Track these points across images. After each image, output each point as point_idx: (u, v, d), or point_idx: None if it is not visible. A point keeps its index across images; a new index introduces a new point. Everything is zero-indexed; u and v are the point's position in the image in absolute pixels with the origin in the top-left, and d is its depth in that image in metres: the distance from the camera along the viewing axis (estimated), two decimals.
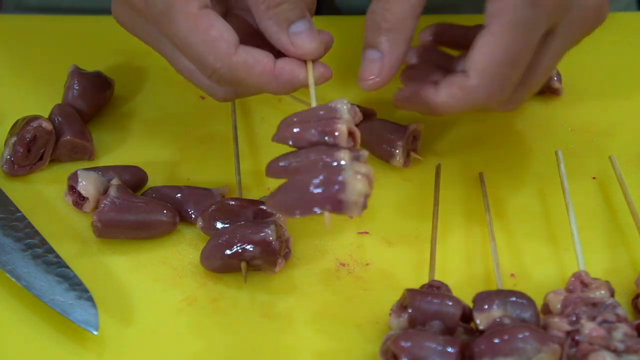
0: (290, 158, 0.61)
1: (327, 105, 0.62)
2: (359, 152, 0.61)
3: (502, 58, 0.63)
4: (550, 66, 0.68)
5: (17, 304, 0.64)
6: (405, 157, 0.75)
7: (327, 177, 0.58)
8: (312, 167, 0.59)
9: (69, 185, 0.71)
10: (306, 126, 0.61)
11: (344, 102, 0.62)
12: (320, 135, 0.61)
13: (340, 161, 0.59)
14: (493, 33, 0.63)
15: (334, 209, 0.57)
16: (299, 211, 0.58)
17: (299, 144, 0.61)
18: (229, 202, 0.68)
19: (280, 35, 0.65)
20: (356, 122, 0.63)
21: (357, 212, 0.58)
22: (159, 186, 0.72)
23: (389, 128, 0.76)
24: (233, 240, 0.65)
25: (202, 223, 0.68)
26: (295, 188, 0.59)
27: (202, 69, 0.65)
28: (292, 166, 0.60)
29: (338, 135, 0.60)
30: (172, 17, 0.63)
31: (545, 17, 0.63)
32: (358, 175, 0.58)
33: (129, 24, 0.69)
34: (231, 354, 0.61)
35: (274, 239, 0.64)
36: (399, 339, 0.57)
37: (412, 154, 0.76)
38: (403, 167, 0.75)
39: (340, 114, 0.62)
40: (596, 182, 0.75)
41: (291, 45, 0.64)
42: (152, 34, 0.67)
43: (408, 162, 0.76)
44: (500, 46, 0.63)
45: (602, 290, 0.61)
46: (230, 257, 0.64)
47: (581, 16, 0.67)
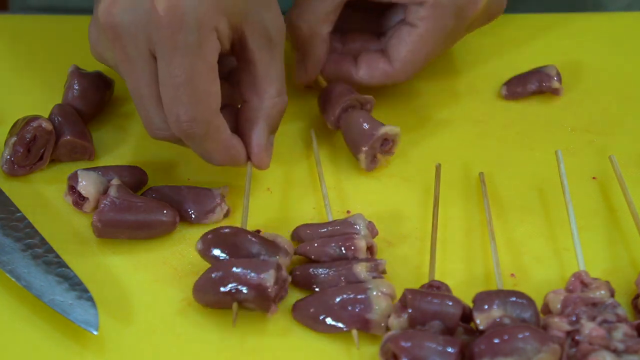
0: (316, 269, 0.65)
1: (346, 220, 0.68)
2: (377, 261, 0.65)
3: (425, 56, 0.76)
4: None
5: (17, 304, 0.64)
6: (371, 160, 0.74)
7: (353, 296, 0.62)
8: (336, 282, 0.64)
9: (69, 185, 0.71)
10: (326, 242, 0.66)
11: (361, 218, 0.67)
12: (340, 250, 0.66)
13: (363, 278, 0.63)
14: (420, 35, 0.75)
15: (361, 327, 0.61)
16: (324, 328, 0.62)
17: (320, 258, 0.66)
18: (233, 232, 0.65)
19: (261, 137, 0.70)
20: (374, 236, 0.68)
21: (381, 332, 0.61)
22: (159, 186, 0.72)
23: (360, 128, 0.74)
24: (228, 278, 0.61)
25: (201, 246, 0.64)
26: (321, 304, 0.62)
27: (177, 109, 0.65)
28: (319, 279, 0.64)
29: (356, 250, 0.65)
30: (194, 53, 0.64)
31: (465, 26, 0.77)
32: (381, 294, 0.62)
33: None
34: (231, 354, 0.61)
35: (271, 285, 0.61)
36: (399, 339, 0.57)
37: (379, 156, 0.74)
38: (368, 170, 0.74)
39: (358, 230, 0.67)
40: (596, 182, 0.75)
41: (261, 151, 0.70)
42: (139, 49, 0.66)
43: (373, 165, 0.75)
44: (426, 47, 0.76)
45: (602, 290, 0.61)
46: (223, 294, 0.61)
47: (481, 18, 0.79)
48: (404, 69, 0.76)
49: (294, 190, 0.74)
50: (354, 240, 0.66)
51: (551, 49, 0.90)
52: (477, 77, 0.86)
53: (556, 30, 0.93)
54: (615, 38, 0.92)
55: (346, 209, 0.72)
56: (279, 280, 0.62)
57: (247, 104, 0.71)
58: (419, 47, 0.76)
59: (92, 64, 0.82)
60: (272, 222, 0.71)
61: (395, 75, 0.77)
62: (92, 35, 0.71)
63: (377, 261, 0.65)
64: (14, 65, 0.87)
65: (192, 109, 0.66)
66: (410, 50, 0.76)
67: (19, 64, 0.87)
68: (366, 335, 0.62)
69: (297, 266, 0.66)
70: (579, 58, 0.89)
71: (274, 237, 0.66)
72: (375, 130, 0.73)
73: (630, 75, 0.87)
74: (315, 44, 0.77)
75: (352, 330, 0.61)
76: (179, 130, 0.67)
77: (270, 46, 0.69)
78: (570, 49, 0.90)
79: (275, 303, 0.62)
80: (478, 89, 0.85)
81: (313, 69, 0.78)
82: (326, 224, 0.68)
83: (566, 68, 0.85)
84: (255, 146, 0.70)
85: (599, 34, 0.92)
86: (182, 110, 0.66)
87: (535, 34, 0.92)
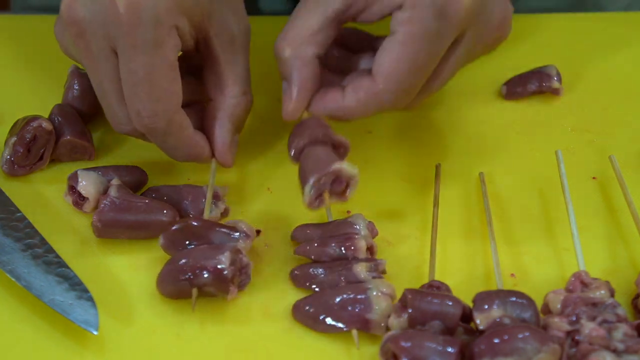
0: (316, 269, 0.65)
1: (346, 220, 0.67)
2: (377, 261, 0.65)
3: (408, 66, 0.66)
4: (452, 73, 0.71)
5: (17, 304, 0.64)
6: (316, 197, 0.65)
7: (353, 296, 0.62)
8: (336, 282, 0.64)
9: (69, 185, 0.71)
10: (326, 242, 0.66)
11: (361, 218, 0.67)
12: (340, 250, 0.65)
13: (363, 278, 0.63)
14: (400, 41, 0.65)
15: (361, 327, 0.61)
16: (324, 328, 0.62)
17: (320, 258, 0.66)
18: (192, 223, 0.66)
19: (225, 135, 0.71)
20: (374, 237, 0.67)
21: (381, 332, 0.61)
22: (159, 186, 0.72)
23: (314, 160, 0.66)
24: (186, 264, 0.62)
25: (163, 241, 0.65)
26: (322, 304, 0.62)
27: (137, 105, 0.66)
28: (318, 279, 0.64)
29: (356, 250, 0.65)
30: (152, 51, 0.65)
31: (451, 29, 0.66)
32: (381, 294, 0.61)
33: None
34: (231, 353, 0.61)
35: (226, 266, 0.62)
36: (399, 339, 0.57)
37: (326, 196, 0.65)
38: (310, 207, 0.65)
39: (358, 230, 0.66)
40: (596, 182, 0.75)
41: (225, 149, 0.71)
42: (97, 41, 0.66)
43: (317, 204, 0.65)
44: (407, 54, 0.65)
45: (602, 290, 0.61)
46: (182, 282, 0.62)
47: (486, 30, 0.70)
48: (388, 84, 0.66)
49: (294, 190, 0.74)
50: (354, 240, 0.66)
51: (551, 49, 0.90)
52: (477, 77, 0.86)
53: (556, 30, 0.93)
54: (615, 38, 0.92)
55: (346, 208, 0.72)
56: (236, 262, 0.63)
57: (212, 103, 0.72)
58: (400, 55, 0.65)
59: None
60: (272, 222, 0.71)
61: (381, 94, 0.66)
62: (58, 29, 0.71)
63: (377, 261, 0.65)
64: (14, 65, 0.87)
65: (151, 106, 0.66)
66: (391, 60, 0.66)
67: (19, 64, 0.87)
68: (366, 335, 0.62)
69: (297, 266, 0.66)
70: (579, 58, 0.89)
71: (235, 223, 0.67)
72: (327, 165, 0.65)
73: (630, 75, 0.87)
74: (298, 67, 0.67)
75: (352, 330, 0.61)
76: (141, 125, 0.68)
77: (234, 46, 0.70)
78: (570, 49, 0.90)
79: (234, 286, 0.62)
80: (478, 89, 0.85)
81: (299, 98, 0.68)
82: (326, 224, 0.68)
83: (566, 68, 0.85)
84: (219, 144, 0.71)
85: (599, 34, 0.92)
86: (141, 106, 0.66)
87: (535, 34, 0.92)
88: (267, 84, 0.80)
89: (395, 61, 0.66)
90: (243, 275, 0.64)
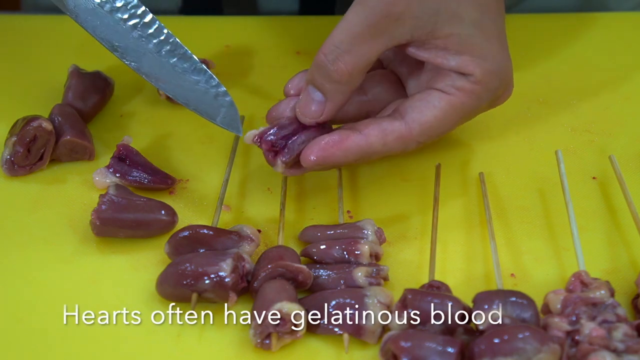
0: (317, 271, 0.65)
1: (355, 224, 0.68)
2: (379, 267, 0.65)
3: (445, 127, 0.70)
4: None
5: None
6: (265, 338, 0.60)
7: (349, 301, 0.62)
8: (335, 285, 0.64)
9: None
10: (332, 244, 0.66)
11: (370, 224, 0.68)
12: (344, 253, 0.66)
13: (361, 284, 0.63)
14: (452, 105, 0.68)
15: (353, 333, 0.61)
16: (320, 330, 0.62)
17: (324, 260, 0.66)
18: (200, 231, 0.66)
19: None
20: (381, 243, 0.68)
21: (372, 341, 0.61)
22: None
23: (261, 299, 0.61)
24: (188, 269, 0.63)
25: (168, 249, 0.66)
26: (317, 305, 0.62)
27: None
28: (318, 280, 0.65)
29: (359, 254, 0.65)
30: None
31: (491, 108, 0.72)
32: (378, 302, 0.61)
33: None
34: (231, 353, 0.61)
35: (227, 274, 0.62)
36: (399, 339, 0.57)
37: (275, 336, 0.60)
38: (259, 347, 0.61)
39: (365, 235, 0.67)
40: (596, 182, 0.75)
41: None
42: None
43: (266, 346, 0.60)
44: (452, 118, 0.69)
45: (602, 290, 0.61)
46: (183, 286, 0.62)
47: (503, 97, 0.73)
48: (422, 133, 0.68)
49: (295, 191, 0.74)
50: (358, 245, 0.66)
51: (553, 50, 0.90)
52: None
53: (558, 31, 0.93)
54: (615, 38, 0.92)
55: (346, 208, 0.72)
56: (238, 269, 0.63)
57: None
58: (446, 116, 0.68)
59: (92, 64, 0.82)
60: (272, 222, 0.71)
61: (410, 138, 0.68)
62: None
63: (379, 267, 0.65)
64: (14, 65, 0.87)
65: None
66: (436, 116, 0.68)
67: (19, 64, 0.87)
68: (358, 340, 0.61)
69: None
70: (580, 58, 0.89)
71: (240, 228, 0.67)
72: (267, 306, 0.60)
73: (630, 75, 0.87)
74: (344, 92, 0.68)
75: (344, 334, 0.61)
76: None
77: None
78: (571, 49, 0.90)
79: (234, 293, 0.62)
80: None
81: (327, 116, 0.68)
82: (335, 226, 0.69)
83: (568, 68, 0.85)
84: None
85: (600, 34, 0.92)
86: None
87: (537, 34, 0.92)
88: (268, 84, 0.80)
89: (440, 120, 0.69)
90: (244, 283, 0.64)
